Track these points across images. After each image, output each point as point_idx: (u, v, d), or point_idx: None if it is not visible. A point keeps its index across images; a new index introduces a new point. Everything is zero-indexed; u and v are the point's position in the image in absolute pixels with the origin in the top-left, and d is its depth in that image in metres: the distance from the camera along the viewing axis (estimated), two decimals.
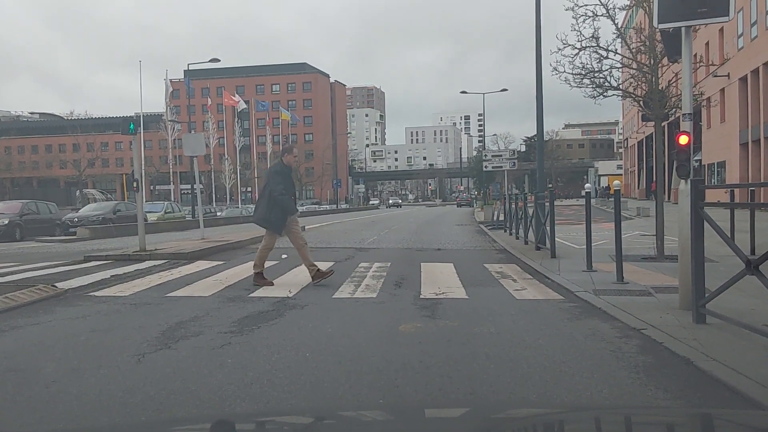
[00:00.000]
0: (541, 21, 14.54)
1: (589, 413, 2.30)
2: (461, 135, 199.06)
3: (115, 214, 26.39)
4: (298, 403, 3.92)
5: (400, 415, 2.33)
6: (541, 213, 12.90)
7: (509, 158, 26.36)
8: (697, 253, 5.74)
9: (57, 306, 7.44)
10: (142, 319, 6.59)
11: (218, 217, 40.71)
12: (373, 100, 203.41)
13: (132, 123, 14.38)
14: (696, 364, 4.50)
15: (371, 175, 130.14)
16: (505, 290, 8.30)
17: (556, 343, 5.29)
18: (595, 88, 11.22)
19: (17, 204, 24.84)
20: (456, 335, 5.64)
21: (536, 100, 14.79)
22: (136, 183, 14.22)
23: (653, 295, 7.33)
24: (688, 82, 6.54)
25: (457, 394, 4.06)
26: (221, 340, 5.49)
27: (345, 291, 8.34)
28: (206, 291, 8.47)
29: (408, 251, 14.31)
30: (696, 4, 6.15)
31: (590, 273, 9.27)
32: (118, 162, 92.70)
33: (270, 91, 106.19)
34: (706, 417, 2.14)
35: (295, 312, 6.89)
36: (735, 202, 13.17)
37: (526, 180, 42.35)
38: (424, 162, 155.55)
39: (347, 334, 5.77)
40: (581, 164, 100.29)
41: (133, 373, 4.53)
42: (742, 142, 30.95)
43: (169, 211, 32.21)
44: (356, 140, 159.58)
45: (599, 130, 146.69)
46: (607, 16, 10.81)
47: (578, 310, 6.82)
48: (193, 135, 20.00)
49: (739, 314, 5.60)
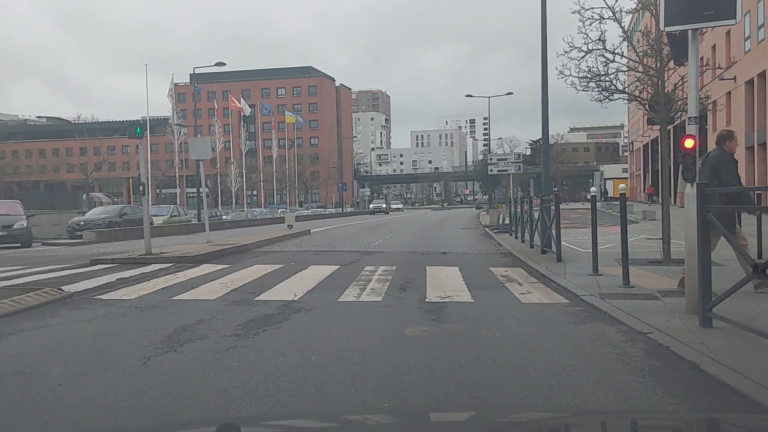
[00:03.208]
0: (547, 24, 14.54)
1: (595, 417, 2.29)
2: (466, 139, 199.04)
3: (121, 218, 26.46)
4: (304, 407, 3.92)
5: (405, 419, 2.33)
6: (546, 216, 12.87)
7: (514, 162, 26.33)
8: (703, 256, 5.72)
9: (63, 309, 7.47)
10: (147, 322, 6.60)
11: (224, 220, 40.79)
12: (378, 104, 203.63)
13: (138, 126, 14.44)
14: (702, 368, 4.48)
15: (376, 179, 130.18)
16: (511, 294, 8.29)
17: (562, 347, 5.27)
18: (601, 92, 11.21)
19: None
20: (461, 339, 5.63)
21: (542, 103, 14.78)
22: (142, 186, 14.28)
23: (659, 299, 7.30)
24: (694, 85, 6.53)
25: (462, 398, 4.05)
26: (227, 344, 5.50)
27: (350, 294, 8.34)
28: (212, 294, 8.48)
29: (413, 255, 14.30)
30: (703, 7, 6.14)
31: (596, 277, 9.24)
32: (125, 165, 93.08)
33: (276, 94, 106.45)
34: (713, 421, 2.13)
35: (300, 315, 6.89)
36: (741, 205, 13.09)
37: (531, 183, 42.34)
38: (430, 166, 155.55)
39: (352, 338, 5.76)
40: (587, 168, 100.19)
41: (138, 377, 4.54)
42: (748, 145, 30.83)
43: (174, 214, 32.29)
44: (361, 144, 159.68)
45: (605, 134, 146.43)
46: (614, 19, 10.80)
47: (584, 314, 6.80)
48: (199, 139, 20.06)
49: (746, 318, 5.57)
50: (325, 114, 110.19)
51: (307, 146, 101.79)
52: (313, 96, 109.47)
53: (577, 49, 10.94)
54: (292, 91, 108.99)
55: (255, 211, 60.07)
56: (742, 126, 31.41)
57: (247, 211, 59.94)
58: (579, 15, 10.78)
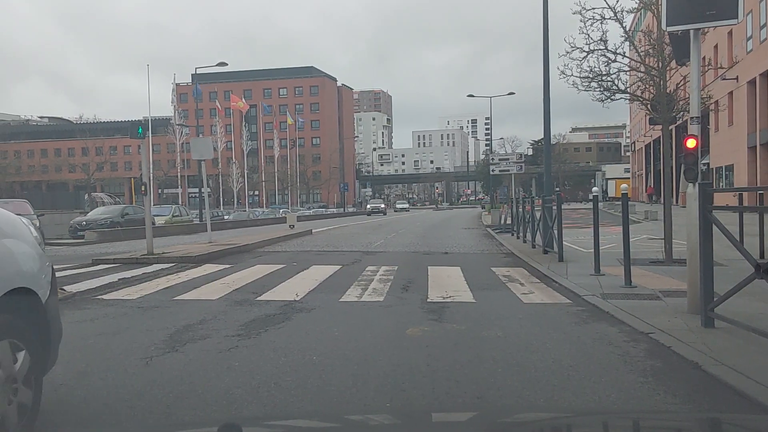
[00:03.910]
0: (548, 25, 14.53)
1: (597, 418, 2.29)
2: (468, 139, 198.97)
3: (123, 218, 26.51)
4: (305, 407, 3.92)
5: (407, 419, 2.33)
6: (548, 216, 12.87)
7: (516, 162, 26.31)
8: (705, 256, 5.72)
9: (65, 309, 7.46)
10: (149, 322, 6.61)
11: (226, 220, 40.81)
12: (380, 104, 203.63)
13: (140, 127, 14.47)
14: (704, 369, 4.47)
15: (378, 179, 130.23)
16: (513, 294, 8.28)
17: (564, 347, 5.27)
18: (603, 92, 11.21)
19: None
20: (463, 339, 5.63)
21: (543, 103, 14.78)
22: (144, 186, 14.29)
23: (661, 299, 7.30)
24: (696, 85, 6.52)
25: (464, 398, 4.05)
26: (228, 344, 5.50)
27: (352, 294, 8.34)
28: (214, 294, 8.48)
29: (415, 255, 14.30)
30: (705, 7, 6.13)
31: (598, 277, 9.23)
32: (127, 165, 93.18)
33: (277, 94, 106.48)
34: (715, 422, 2.13)
35: (302, 315, 6.89)
36: (744, 205, 13.09)
37: (533, 183, 42.30)
38: (431, 165, 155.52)
39: (354, 338, 5.77)
40: (588, 168, 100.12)
41: (140, 376, 4.54)
42: (751, 145, 30.79)
43: (176, 214, 32.30)
44: (363, 144, 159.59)
45: (606, 134, 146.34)
46: (615, 20, 10.80)
47: (586, 314, 6.80)
48: (201, 139, 20.07)
49: (748, 318, 5.56)
50: (327, 114, 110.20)
51: (309, 146, 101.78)
52: (315, 96, 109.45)
53: (579, 50, 10.95)
54: (293, 91, 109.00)
55: (257, 211, 60.13)
56: (744, 126, 31.38)
57: (248, 211, 59.97)
58: (580, 15, 10.79)
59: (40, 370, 3.47)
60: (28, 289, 3.36)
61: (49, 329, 3.58)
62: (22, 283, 3.33)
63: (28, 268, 3.45)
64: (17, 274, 3.32)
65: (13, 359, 3.16)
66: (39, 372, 3.43)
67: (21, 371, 3.21)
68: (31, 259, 3.52)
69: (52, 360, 3.68)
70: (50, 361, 3.66)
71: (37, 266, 3.55)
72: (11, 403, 3.09)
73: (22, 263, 3.41)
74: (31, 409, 3.29)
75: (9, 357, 3.14)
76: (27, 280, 3.38)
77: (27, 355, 3.27)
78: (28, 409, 3.25)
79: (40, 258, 3.63)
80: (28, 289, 3.36)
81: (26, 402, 3.22)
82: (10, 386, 3.09)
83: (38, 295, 3.44)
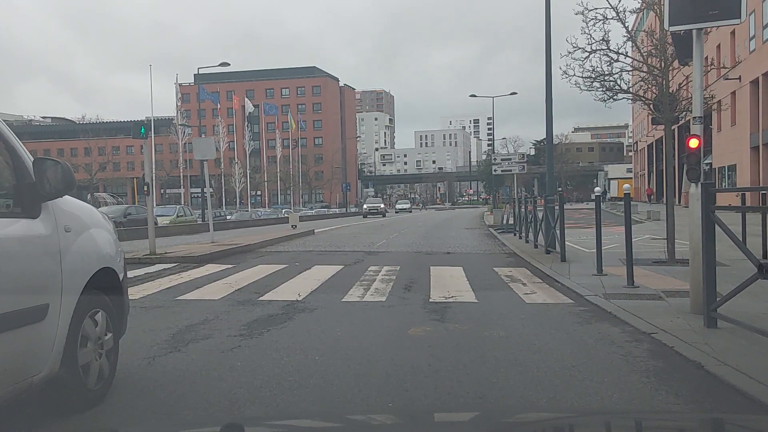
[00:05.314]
0: (551, 26, 14.53)
1: (599, 418, 2.29)
2: (470, 139, 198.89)
3: (125, 218, 26.50)
4: (308, 407, 3.93)
5: (410, 419, 2.33)
6: (550, 216, 12.86)
7: (518, 162, 26.32)
8: (708, 256, 5.71)
9: None
10: (152, 322, 6.61)
11: (228, 220, 40.78)
12: (382, 104, 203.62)
13: (143, 127, 14.48)
14: (707, 369, 4.47)
15: (380, 179, 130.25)
16: (515, 294, 8.28)
17: (566, 348, 5.27)
18: (605, 92, 11.19)
19: None
20: (465, 339, 5.63)
21: (546, 103, 14.77)
22: (146, 187, 14.30)
23: (664, 299, 7.29)
24: (698, 85, 6.51)
25: (466, 398, 4.05)
26: (231, 344, 5.51)
27: (354, 294, 8.34)
28: (216, 294, 8.49)
29: (417, 255, 14.30)
30: (707, 7, 6.12)
31: (600, 277, 9.22)
32: (129, 166, 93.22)
33: (280, 95, 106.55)
34: (718, 422, 2.13)
35: (304, 315, 6.90)
36: (746, 205, 13.08)
37: (535, 183, 42.26)
38: (434, 165, 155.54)
39: (356, 338, 5.77)
40: (591, 168, 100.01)
41: (143, 376, 4.55)
42: (753, 145, 30.74)
43: (181, 214, 32.25)
44: (365, 144, 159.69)
45: (609, 134, 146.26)
46: (618, 20, 10.78)
47: (588, 314, 6.79)
48: (203, 139, 20.08)
49: (750, 318, 5.56)
50: (329, 114, 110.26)
51: (311, 146, 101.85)
52: (317, 96, 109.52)
53: (581, 50, 10.94)
54: (296, 91, 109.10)
55: (259, 211, 60.12)
56: (746, 126, 31.34)
57: (251, 211, 60.01)
58: (582, 16, 10.78)
59: (118, 338, 4.28)
60: (110, 268, 4.12)
61: (123, 303, 4.36)
62: (107, 263, 4.09)
63: (109, 251, 4.21)
64: (103, 257, 4.09)
65: (106, 326, 4.01)
66: (117, 338, 4.24)
67: (108, 338, 4.04)
68: (111, 243, 4.28)
69: (123, 329, 4.41)
70: (123, 330, 4.40)
71: (115, 250, 4.31)
72: (101, 357, 3.91)
73: (107, 247, 4.19)
74: (109, 374, 4.04)
75: (103, 324, 3.97)
76: (109, 261, 4.14)
77: (110, 324, 4.09)
78: (106, 372, 3.99)
79: (116, 243, 4.39)
80: (110, 268, 4.12)
81: (105, 367, 3.98)
82: (99, 349, 3.90)
83: (117, 274, 4.22)
